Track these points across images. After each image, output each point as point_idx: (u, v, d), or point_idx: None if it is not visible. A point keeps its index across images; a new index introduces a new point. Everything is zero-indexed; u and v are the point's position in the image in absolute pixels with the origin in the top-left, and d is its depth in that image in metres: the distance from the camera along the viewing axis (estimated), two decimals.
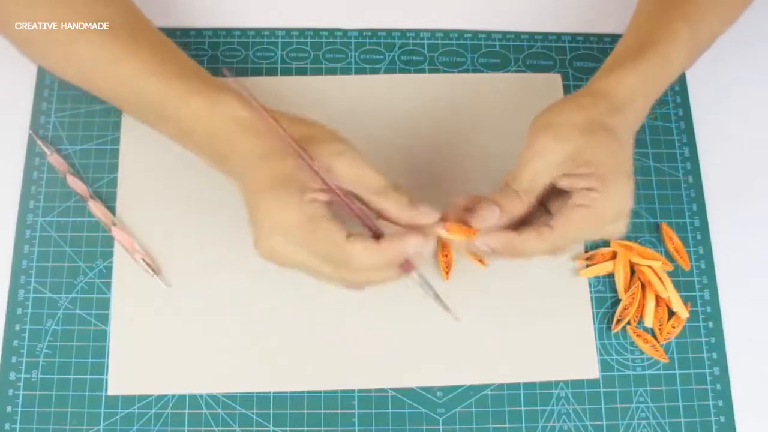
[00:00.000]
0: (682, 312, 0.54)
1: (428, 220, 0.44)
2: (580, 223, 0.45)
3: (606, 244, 0.56)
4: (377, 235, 0.44)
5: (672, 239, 0.56)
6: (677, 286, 0.55)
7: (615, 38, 0.62)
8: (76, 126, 0.57)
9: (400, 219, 0.44)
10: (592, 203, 0.44)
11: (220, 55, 0.60)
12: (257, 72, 0.60)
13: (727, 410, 0.53)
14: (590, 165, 0.44)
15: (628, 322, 0.54)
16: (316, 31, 0.61)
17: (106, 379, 0.51)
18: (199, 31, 0.61)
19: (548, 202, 0.48)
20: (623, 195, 0.45)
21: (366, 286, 0.45)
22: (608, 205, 0.44)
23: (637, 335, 0.54)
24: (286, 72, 0.60)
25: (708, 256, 0.56)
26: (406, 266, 0.45)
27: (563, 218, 0.45)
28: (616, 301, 0.55)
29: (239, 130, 0.45)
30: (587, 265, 0.55)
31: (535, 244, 0.45)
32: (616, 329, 0.54)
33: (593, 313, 0.54)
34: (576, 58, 0.61)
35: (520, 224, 0.46)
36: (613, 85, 0.47)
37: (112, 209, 0.55)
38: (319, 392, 0.52)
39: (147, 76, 0.46)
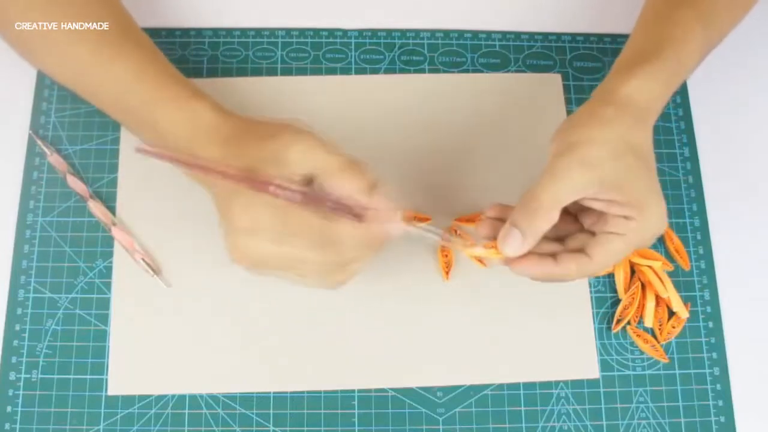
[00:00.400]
0: (682, 312, 0.54)
1: (383, 217, 0.43)
2: (619, 251, 0.44)
3: None
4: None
5: (672, 239, 0.56)
6: (677, 286, 0.55)
7: (615, 38, 0.62)
8: (76, 126, 0.57)
9: (360, 205, 0.43)
10: (630, 232, 0.43)
11: (220, 55, 0.60)
12: (257, 72, 0.60)
13: (727, 410, 0.53)
14: (622, 191, 0.43)
15: (628, 322, 0.54)
16: (316, 31, 0.61)
17: (106, 379, 0.51)
18: (199, 31, 0.61)
19: (580, 215, 0.47)
20: (660, 217, 0.44)
21: (348, 274, 0.44)
22: (647, 232, 0.44)
23: (637, 335, 0.54)
24: (286, 72, 0.60)
25: (708, 256, 0.56)
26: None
27: (601, 248, 0.44)
28: (616, 301, 0.55)
29: (210, 137, 0.45)
30: None
31: (575, 274, 0.44)
32: (616, 329, 0.54)
33: (593, 313, 0.54)
34: (576, 58, 0.61)
35: (554, 239, 0.46)
36: (634, 91, 0.45)
37: (112, 209, 0.55)
38: (319, 392, 0.52)
39: (132, 80, 0.47)
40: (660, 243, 0.56)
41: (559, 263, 0.44)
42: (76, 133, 0.57)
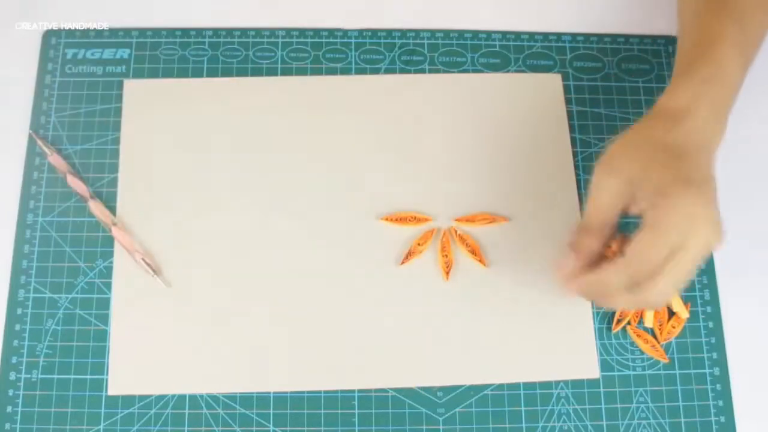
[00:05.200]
0: (683, 312, 0.54)
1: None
2: (649, 242, 0.44)
3: None
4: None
5: None
6: None
7: (615, 38, 0.62)
8: (76, 126, 0.57)
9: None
10: (656, 220, 0.43)
11: (220, 55, 0.60)
12: (257, 72, 0.60)
13: (727, 410, 0.53)
14: (649, 183, 0.44)
15: (628, 322, 0.54)
16: (316, 31, 0.61)
17: (106, 379, 0.51)
18: (199, 31, 0.61)
19: None
20: (686, 203, 0.43)
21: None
22: (671, 218, 0.43)
23: (637, 335, 0.54)
24: (286, 72, 0.60)
25: (708, 257, 0.56)
26: None
27: (633, 242, 0.44)
28: None
29: None
30: None
31: (613, 277, 0.45)
32: (616, 329, 0.54)
33: (593, 313, 0.54)
34: (576, 58, 0.61)
35: None
36: (667, 100, 0.48)
37: (112, 209, 0.55)
38: (319, 392, 0.52)
39: None
40: None
41: (597, 270, 0.46)
42: (76, 133, 0.57)
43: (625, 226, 0.48)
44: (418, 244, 0.55)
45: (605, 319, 0.54)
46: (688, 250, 0.43)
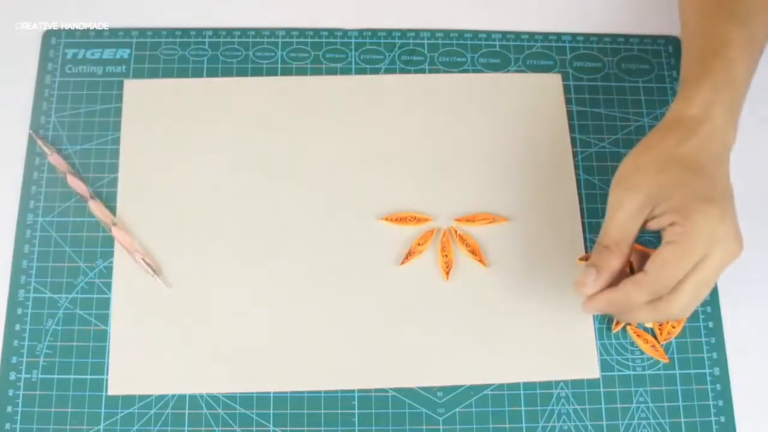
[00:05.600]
0: None
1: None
2: (672, 260, 0.44)
3: None
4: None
5: None
6: None
7: (615, 38, 0.62)
8: (76, 126, 0.57)
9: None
10: (678, 237, 0.44)
11: (220, 55, 0.60)
12: (257, 72, 0.60)
13: (727, 410, 0.53)
14: (669, 200, 0.44)
15: (628, 323, 0.54)
16: (316, 31, 0.61)
17: (106, 379, 0.51)
18: (199, 31, 0.61)
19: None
20: (708, 220, 0.44)
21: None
22: (694, 235, 0.44)
23: (637, 335, 0.54)
24: (286, 72, 0.60)
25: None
26: None
27: (654, 259, 0.45)
28: None
29: None
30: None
31: (635, 294, 0.45)
32: (616, 329, 0.54)
33: None
34: (576, 58, 0.61)
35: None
36: (683, 108, 0.47)
37: (112, 209, 0.55)
38: (319, 392, 0.52)
39: None
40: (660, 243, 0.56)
41: (619, 287, 0.46)
42: (76, 133, 0.57)
43: (639, 238, 0.48)
44: (418, 244, 0.55)
45: (605, 319, 0.54)
46: (710, 264, 0.45)
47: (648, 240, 0.55)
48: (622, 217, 0.46)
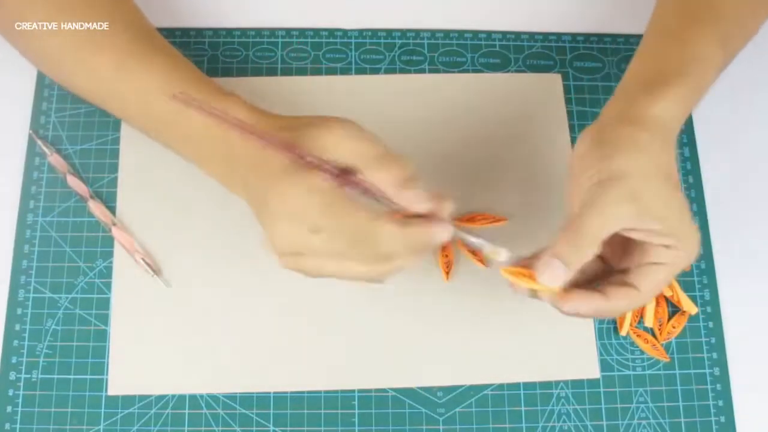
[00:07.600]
0: (691, 308, 0.54)
1: (418, 208, 0.42)
2: (664, 280, 0.44)
3: None
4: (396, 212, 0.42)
5: None
6: None
7: (615, 38, 0.62)
8: (76, 126, 0.57)
9: (394, 198, 0.42)
10: (674, 260, 0.44)
11: (220, 55, 0.60)
12: (257, 72, 0.60)
13: (727, 410, 0.53)
14: (662, 221, 0.43)
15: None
16: (316, 31, 0.61)
17: (106, 379, 0.51)
18: (199, 31, 0.61)
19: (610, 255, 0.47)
20: (697, 241, 0.44)
21: (389, 271, 0.43)
22: (688, 258, 0.44)
23: (637, 335, 0.54)
24: (286, 72, 0.60)
25: (708, 256, 0.56)
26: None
27: (647, 279, 0.44)
28: None
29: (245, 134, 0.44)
30: None
31: (624, 307, 0.45)
32: (623, 332, 0.54)
33: None
34: (576, 58, 0.61)
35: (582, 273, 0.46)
36: (662, 113, 0.44)
37: (112, 209, 0.55)
38: (319, 392, 0.52)
39: (157, 89, 0.46)
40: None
41: (609, 299, 0.44)
42: (76, 133, 0.57)
43: None
44: None
45: (605, 319, 0.54)
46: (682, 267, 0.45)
47: None
48: (610, 222, 0.43)
